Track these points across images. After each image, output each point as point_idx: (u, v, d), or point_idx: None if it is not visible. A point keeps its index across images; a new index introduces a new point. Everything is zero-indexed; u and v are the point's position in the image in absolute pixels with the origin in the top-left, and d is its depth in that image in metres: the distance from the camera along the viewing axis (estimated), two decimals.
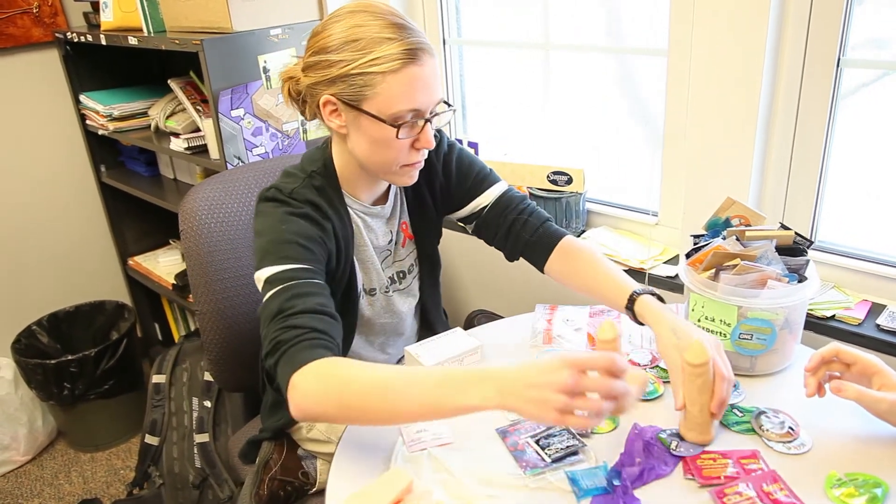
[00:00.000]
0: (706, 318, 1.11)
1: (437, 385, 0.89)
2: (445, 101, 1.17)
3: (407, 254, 1.37)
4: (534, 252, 1.29)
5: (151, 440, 2.03)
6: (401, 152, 1.13)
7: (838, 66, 1.32)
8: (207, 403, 1.99)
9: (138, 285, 2.67)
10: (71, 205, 2.55)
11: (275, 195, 1.16)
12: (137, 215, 2.62)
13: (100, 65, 2.39)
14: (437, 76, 1.11)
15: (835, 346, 0.98)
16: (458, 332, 1.26)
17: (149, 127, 2.24)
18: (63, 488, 2.25)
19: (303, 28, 1.85)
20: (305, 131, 1.91)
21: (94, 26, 2.28)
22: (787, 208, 1.47)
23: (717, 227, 1.20)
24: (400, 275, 1.38)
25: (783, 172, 1.44)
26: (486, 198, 1.33)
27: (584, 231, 1.77)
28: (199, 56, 1.70)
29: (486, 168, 1.35)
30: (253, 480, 1.35)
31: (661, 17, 1.54)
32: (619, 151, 1.81)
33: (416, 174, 1.19)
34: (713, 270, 1.12)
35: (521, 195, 1.34)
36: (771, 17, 1.28)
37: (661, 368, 1.16)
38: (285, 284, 1.05)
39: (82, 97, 2.35)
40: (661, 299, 1.11)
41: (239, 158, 1.80)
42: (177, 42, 1.75)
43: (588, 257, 1.23)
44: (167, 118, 2.12)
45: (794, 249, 1.15)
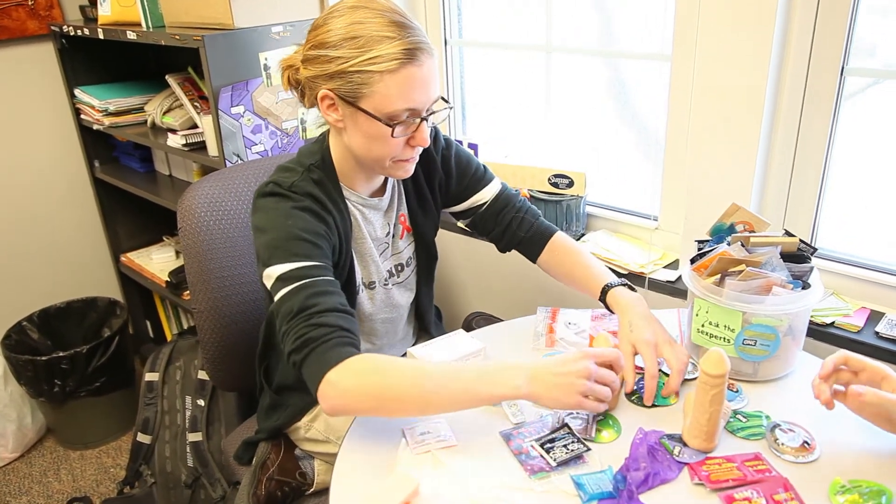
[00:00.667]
0: (710, 324, 1.11)
1: (476, 377, 1.00)
2: (444, 98, 1.17)
3: (405, 246, 1.38)
4: (528, 247, 1.39)
5: (143, 438, 2.01)
6: (395, 148, 1.14)
7: (842, 74, 1.32)
8: (201, 402, 1.97)
9: (130, 282, 2.65)
10: (64, 200, 2.53)
11: (274, 189, 1.15)
12: (131, 211, 2.59)
13: (95, 59, 2.37)
14: (435, 75, 1.11)
15: (843, 353, 0.97)
16: (460, 334, 1.25)
17: (145, 122, 2.22)
18: (52, 486, 2.22)
19: (304, 25, 1.83)
20: (305, 130, 1.90)
21: (90, 20, 2.25)
22: (788, 215, 1.47)
23: (721, 233, 1.20)
24: (398, 268, 1.38)
25: (785, 179, 1.44)
26: (483, 195, 1.39)
27: (583, 234, 1.77)
28: (200, 52, 1.68)
29: (482, 165, 1.41)
30: (250, 480, 1.34)
31: (665, 22, 1.54)
32: (620, 155, 1.81)
33: (412, 168, 1.21)
34: (718, 276, 1.12)
35: (516, 193, 1.41)
36: (777, 24, 1.28)
37: (664, 373, 1.16)
38: (302, 282, 1.06)
39: (77, 91, 2.33)
40: (632, 289, 1.22)
41: (238, 156, 1.78)
42: (177, 38, 1.74)
43: (574, 252, 1.35)
44: (164, 114, 2.10)
45: (797, 256, 1.15)
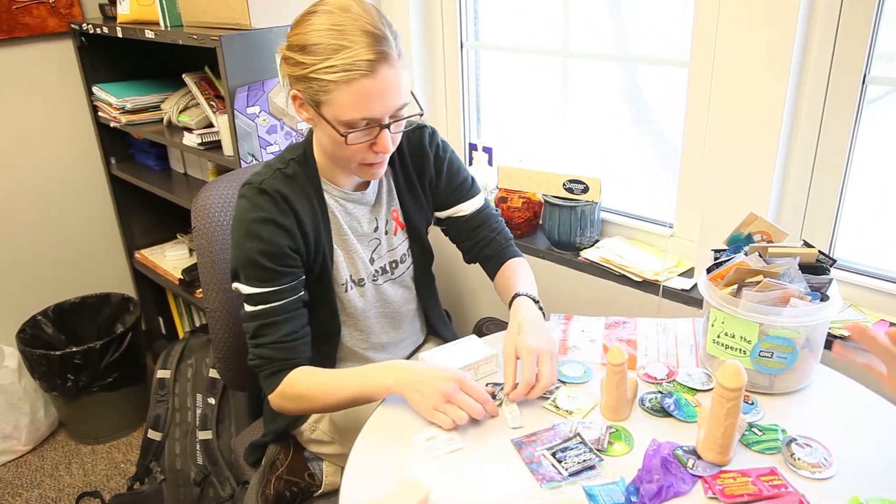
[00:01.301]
0: (726, 335, 1.09)
1: (358, 380, 1.14)
2: (417, 101, 1.20)
3: (399, 242, 1.38)
4: (488, 266, 1.43)
5: (154, 435, 2.01)
6: (357, 153, 1.15)
7: (864, 82, 1.30)
8: (212, 400, 1.97)
9: (144, 279, 2.65)
10: (80, 196, 2.54)
11: (245, 192, 1.21)
12: (146, 209, 2.60)
13: (114, 57, 2.38)
14: (396, 85, 1.09)
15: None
16: (473, 340, 1.24)
17: (161, 121, 2.22)
18: (63, 480, 2.23)
19: None
20: None
21: (109, 18, 2.26)
22: (806, 224, 1.45)
23: (738, 243, 1.18)
24: (392, 264, 1.38)
25: (803, 188, 1.42)
26: (466, 207, 1.40)
27: (598, 240, 1.75)
28: (217, 52, 1.68)
29: (471, 178, 1.42)
30: (259, 480, 1.34)
31: (683, 28, 1.52)
32: (636, 161, 1.80)
33: (380, 171, 1.22)
34: (735, 286, 1.10)
35: (496, 213, 1.44)
36: (797, 31, 1.26)
37: (678, 383, 1.14)
38: (257, 308, 1.19)
39: (95, 89, 2.34)
40: (541, 309, 1.25)
41: (253, 156, 1.78)
42: (195, 37, 1.74)
43: (515, 269, 1.37)
44: (180, 113, 2.10)
45: (816, 267, 1.13)
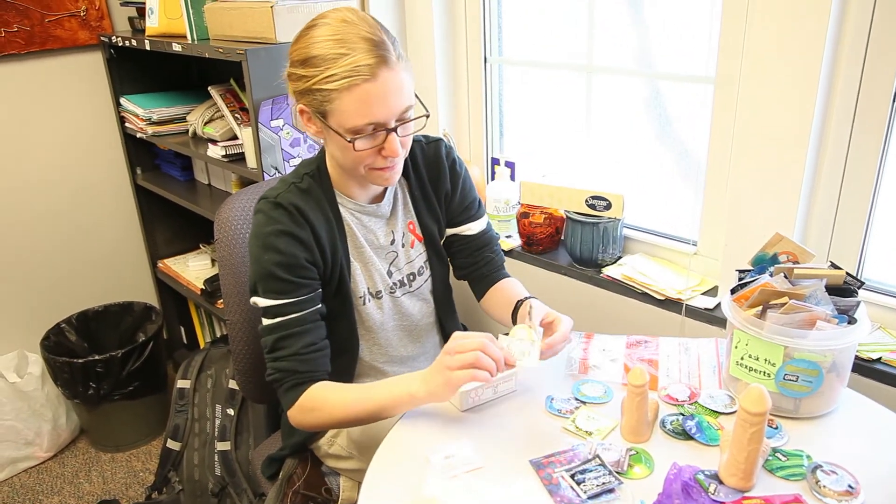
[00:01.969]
0: (750, 357, 1.07)
1: (383, 394, 1.12)
2: (422, 103, 1.20)
3: (417, 255, 1.39)
4: (480, 283, 1.45)
5: (173, 445, 2.02)
6: (366, 159, 1.17)
7: (894, 99, 1.28)
8: (230, 411, 1.98)
9: (166, 288, 2.68)
10: (105, 205, 2.57)
11: (261, 206, 1.22)
12: (170, 218, 2.63)
13: (141, 69, 2.42)
14: (398, 87, 1.11)
15: None
16: None
17: (186, 132, 2.25)
18: (83, 487, 2.25)
19: None
20: None
21: (138, 31, 2.30)
22: (834, 244, 1.43)
23: (763, 263, 1.16)
24: (410, 277, 1.38)
25: (831, 207, 1.40)
26: (472, 227, 1.42)
27: (620, 258, 1.74)
28: (243, 65, 1.70)
29: (479, 199, 1.45)
30: (276, 494, 1.34)
31: (709, 44, 1.51)
32: (660, 178, 1.78)
33: (392, 176, 1.22)
34: (759, 308, 1.08)
35: (496, 237, 1.47)
36: (826, 47, 1.25)
37: (700, 405, 1.12)
38: (275, 321, 1.19)
39: (123, 100, 2.38)
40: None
41: (276, 169, 1.79)
42: (221, 51, 1.76)
43: (512, 284, 1.40)
44: (205, 124, 2.12)
45: (843, 289, 1.11)
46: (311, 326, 1.21)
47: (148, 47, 2.08)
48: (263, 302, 1.19)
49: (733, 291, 1.14)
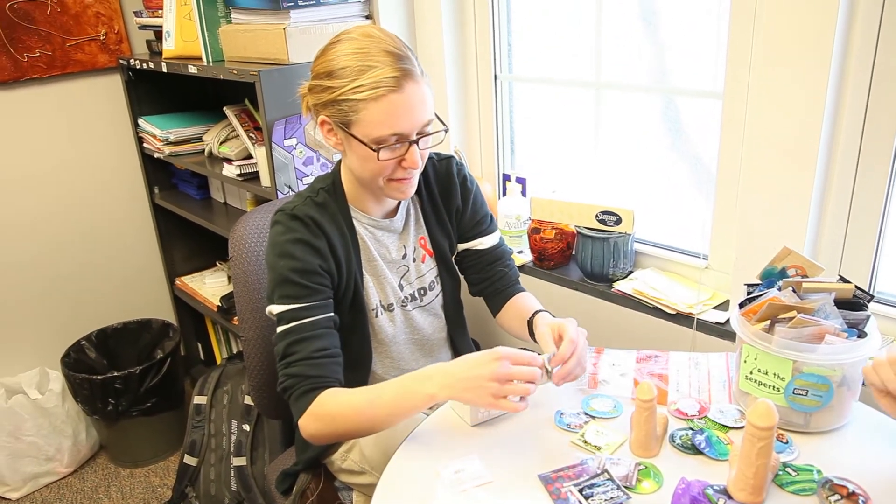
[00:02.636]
0: (759, 371, 1.07)
1: (398, 394, 1.09)
2: (440, 119, 1.22)
3: (427, 270, 1.40)
4: (495, 298, 1.45)
5: (190, 460, 2.04)
6: (386, 169, 1.19)
7: None
8: (246, 427, 1.99)
9: (184, 305, 2.71)
10: (124, 224, 2.62)
11: (279, 218, 1.25)
12: (187, 237, 2.67)
13: (159, 90, 2.47)
14: (421, 100, 1.15)
15: None
16: None
17: (202, 152, 2.29)
18: (102, 502, 2.27)
19: None
20: None
21: (155, 53, 2.34)
22: (845, 257, 1.42)
23: (772, 277, 1.16)
24: (421, 291, 1.40)
25: (841, 221, 1.39)
26: (484, 242, 1.44)
27: (631, 272, 1.74)
28: (256, 86, 1.73)
29: (491, 215, 1.47)
30: None
31: (717, 60, 1.52)
32: (670, 192, 1.79)
33: (408, 189, 1.25)
34: (768, 322, 1.08)
35: (509, 251, 1.48)
36: (833, 61, 1.25)
37: (710, 420, 1.12)
38: (289, 325, 1.20)
39: (141, 121, 2.42)
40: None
41: (290, 187, 1.82)
42: (235, 72, 1.79)
43: (527, 298, 1.41)
44: (221, 144, 2.16)
45: (853, 303, 1.11)
46: (324, 332, 1.21)
47: (165, 69, 2.12)
48: (278, 308, 1.20)
49: (742, 305, 1.14)
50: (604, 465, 1.02)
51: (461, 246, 1.44)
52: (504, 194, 2.06)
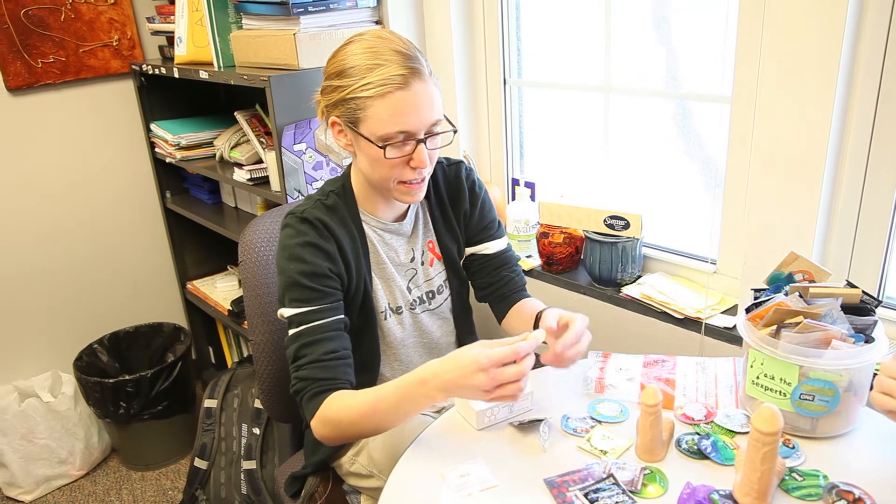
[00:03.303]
0: (766, 376, 1.07)
1: (401, 401, 1.10)
2: (448, 119, 1.23)
3: (436, 273, 1.42)
4: (500, 303, 1.46)
5: (200, 464, 2.06)
6: (395, 169, 1.21)
7: None
8: (256, 430, 2.01)
9: (195, 309, 2.74)
10: (136, 228, 2.65)
11: (289, 221, 1.27)
12: (198, 241, 2.70)
13: (171, 95, 2.49)
14: (429, 99, 1.17)
15: None
16: None
17: (214, 156, 2.31)
18: None
19: None
20: None
21: (167, 59, 2.38)
22: (854, 262, 1.42)
23: (779, 282, 1.17)
24: (429, 294, 1.41)
25: (850, 225, 1.39)
26: (492, 246, 1.45)
27: (639, 276, 1.74)
28: (266, 91, 1.75)
29: (499, 219, 1.48)
30: None
31: (724, 64, 1.52)
32: (679, 197, 1.79)
33: (418, 193, 1.26)
34: (774, 327, 1.09)
35: (517, 257, 1.49)
36: (842, 63, 1.25)
37: (716, 425, 1.13)
38: (300, 328, 1.21)
39: (153, 126, 2.45)
40: None
41: (299, 191, 1.84)
42: (245, 77, 1.82)
43: (533, 301, 1.42)
44: (232, 149, 2.18)
45: (860, 308, 1.11)
46: (334, 335, 1.22)
47: (177, 75, 2.15)
48: (288, 311, 1.22)
49: (748, 310, 1.14)
50: (609, 470, 1.03)
51: (468, 250, 1.45)
52: (513, 199, 2.07)
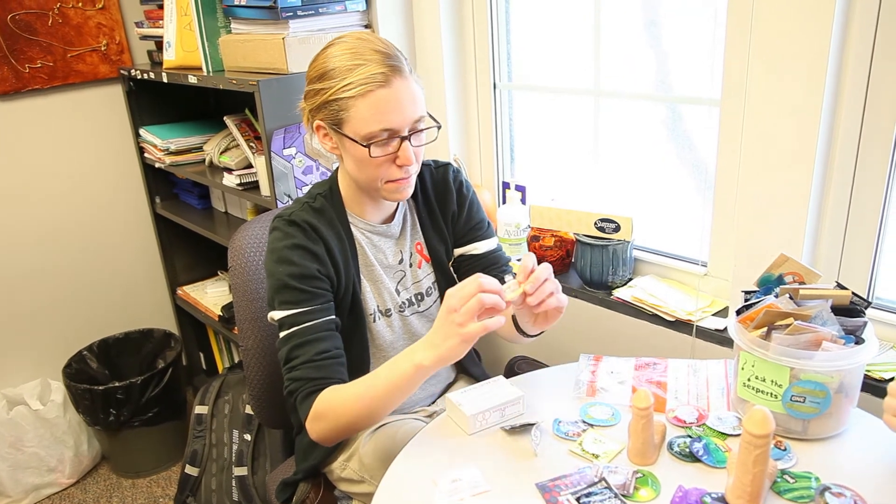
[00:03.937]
0: (757, 378, 1.08)
1: (391, 377, 1.12)
2: (432, 117, 1.24)
3: (424, 275, 1.42)
4: None
5: (191, 471, 2.05)
6: (381, 168, 1.21)
7: None
8: (247, 437, 2.00)
9: (185, 314, 2.73)
10: (126, 233, 2.63)
11: (276, 224, 1.27)
12: (188, 246, 2.68)
13: (160, 100, 2.48)
14: (411, 96, 1.18)
15: None
16: (500, 381, 1.24)
17: (203, 161, 2.31)
18: None
19: None
20: None
21: (156, 63, 2.37)
22: (844, 263, 1.42)
23: (769, 284, 1.17)
24: (418, 297, 1.41)
25: (839, 226, 1.40)
26: (479, 246, 1.43)
27: (630, 279, 1.75)
28: (255, 96, 1.75)
29: (488, 221, 1.47)
30: None
31: (713, 66, 1.53)
32: (669, 199, 1.79)
33: (406, 189, 1.26)
34: (765, 329, 1.09)
35: (507, 259, 1.46)
36: (830, 66, 1.26)
37: (708, 427, 1.13)
38: (291, 330, 1.21)
39: (142, 131, 2.44)
40: None
41: (289, 196, 1.83)
42: (234, 82, 1.81)
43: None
44: (221, 154, 2.18)
45: (850, 310, 1.11)
46: (325, 335, 1.22)
47: (165, 79, 2.14)
48: (279, 314, 1.23)
49: (739, 312, 1.14)
50: (601, 474, 1.03)
51: (457, 251, 1.45)
52: (503, 202, 2.07)
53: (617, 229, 1.69)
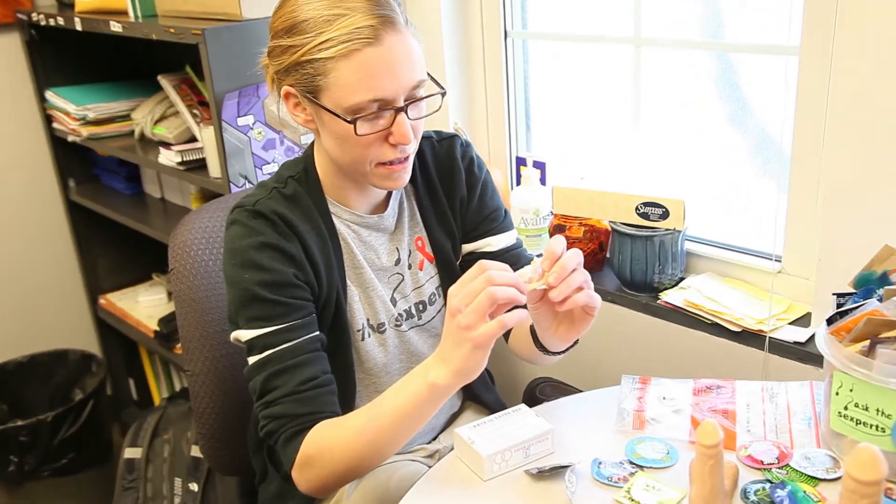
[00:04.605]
0: (856, 406, 1.07)
1: (397, 403, 1.12)
2: (435, 80, 1.22)
3: (427, 279, 1.41)
4: None
5: None
6: (370, 148, 1.18)
7: None
8: (194, 487, 1.99)
9: (110, 330, 2.72)
10: (29, 227, 2.62)
11: (236, 217, 1.25)
12: (113, 242, 2.68)
13: (72, 54, 2.47)
14: (407, 55, 1.15)
15: None
16: (522, 411, 1.24)
17: (132, 133, 2.30)
18: None
19: None
20: None
21: (66, 6, 2.34)
22: None
23: (870, 285, 1.17)
24: (419, 306, 1.40)
25: None
26: (494, 242, 1.43)
27: (682, 279, 1.75)
28: (200, 49, 1.73)
29: (505, 208, 1.47)
30: None
31: (790, 4, 1.52)
32: (731, 178, 1.80)
33: (402, 175, 1.24)
34: (866, 343, 1.08)
35: (529, 257, 1.44)
36: None
37: (793, 469, 1.12)
38: (263, 356, 1.19)
39: (49, 94, 2.43)
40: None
41: (246, 178, 1.82)
42: (171, 31, 1.80)
43: None
44: (155, 123, 2.17)
45: None
46: (311, 357, 1.20)
47: (79, 27, 2.13)
48: (247, 334, 1.20)
49: (830, 321, 1.14)
50: None
51: (466, 247, 1.44)
52: (518, 183, 2.06)
53: (665, 216, 1.68)
